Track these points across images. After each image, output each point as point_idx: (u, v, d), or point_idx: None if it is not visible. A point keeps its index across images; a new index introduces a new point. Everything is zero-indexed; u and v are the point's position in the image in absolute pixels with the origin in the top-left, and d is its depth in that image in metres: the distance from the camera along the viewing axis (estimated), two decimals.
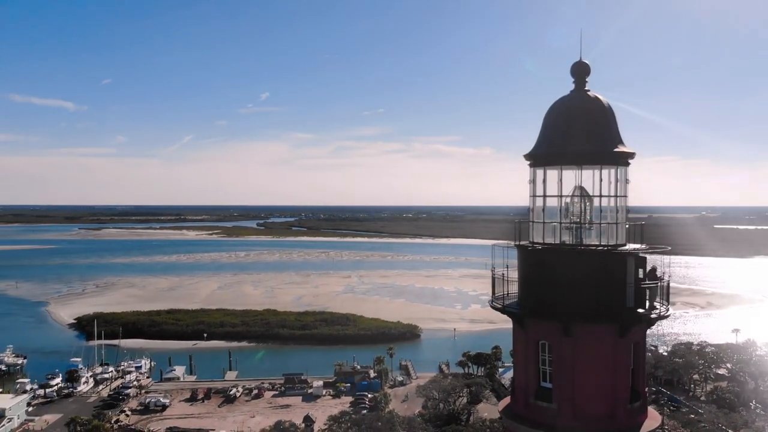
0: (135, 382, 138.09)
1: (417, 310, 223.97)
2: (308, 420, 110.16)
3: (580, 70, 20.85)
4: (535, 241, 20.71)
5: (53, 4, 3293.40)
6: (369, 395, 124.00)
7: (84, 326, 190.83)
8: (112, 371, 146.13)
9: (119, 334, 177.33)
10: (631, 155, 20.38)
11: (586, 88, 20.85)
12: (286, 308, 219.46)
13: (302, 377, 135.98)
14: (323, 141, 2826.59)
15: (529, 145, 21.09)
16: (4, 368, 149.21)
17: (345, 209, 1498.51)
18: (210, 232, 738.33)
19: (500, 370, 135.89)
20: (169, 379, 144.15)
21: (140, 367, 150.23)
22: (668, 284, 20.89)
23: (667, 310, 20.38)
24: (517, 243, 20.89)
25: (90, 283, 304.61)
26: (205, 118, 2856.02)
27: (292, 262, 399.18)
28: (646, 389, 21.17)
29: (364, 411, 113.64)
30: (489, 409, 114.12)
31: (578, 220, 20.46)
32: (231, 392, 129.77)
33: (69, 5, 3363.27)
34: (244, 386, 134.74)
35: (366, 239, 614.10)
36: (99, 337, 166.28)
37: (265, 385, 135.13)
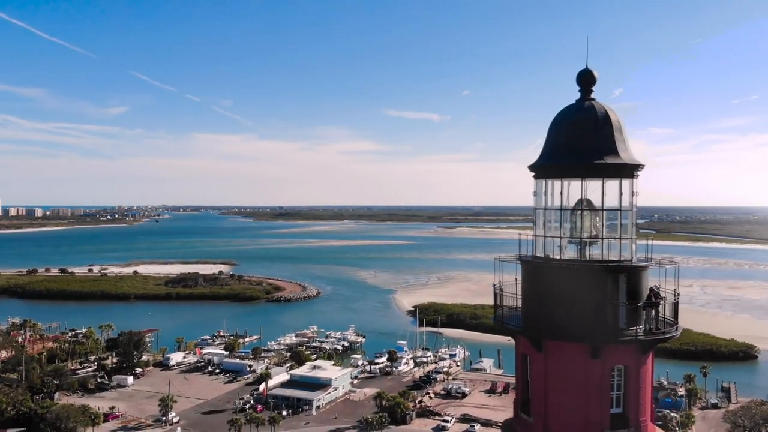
0: (445, 368, 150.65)
1: (763, 328, 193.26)
2: None
3: (587, 79, 20.07)
4: (537, 255, 20.75)
5: (416, 29, 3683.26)
6: (670, 413, 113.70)
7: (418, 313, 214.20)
8: (429, 356, 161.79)
9: (441, 323, 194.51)
10: (632, 167, 19.10)
11: (591, 98, 19.99)
12: None
13: None
14: (683, 136, 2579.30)
15: None
16: (346, 344, 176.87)
17: (706, 210, 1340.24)
18: None
19: None
20: (476, 370, 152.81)
21: (455, 355, 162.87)
22: (677, 304, 18.78)
23: (663, 333, 18.46)
24: (519, 257, 21.20)
25: (433, 276, 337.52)
26: None
27: None
28: None
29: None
30: None
31: (580, 233, 19.88)
32: None
33: (429, 27, 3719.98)
34: None
35: (724, 244, 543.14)
36: (424, 324, 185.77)
37: None
